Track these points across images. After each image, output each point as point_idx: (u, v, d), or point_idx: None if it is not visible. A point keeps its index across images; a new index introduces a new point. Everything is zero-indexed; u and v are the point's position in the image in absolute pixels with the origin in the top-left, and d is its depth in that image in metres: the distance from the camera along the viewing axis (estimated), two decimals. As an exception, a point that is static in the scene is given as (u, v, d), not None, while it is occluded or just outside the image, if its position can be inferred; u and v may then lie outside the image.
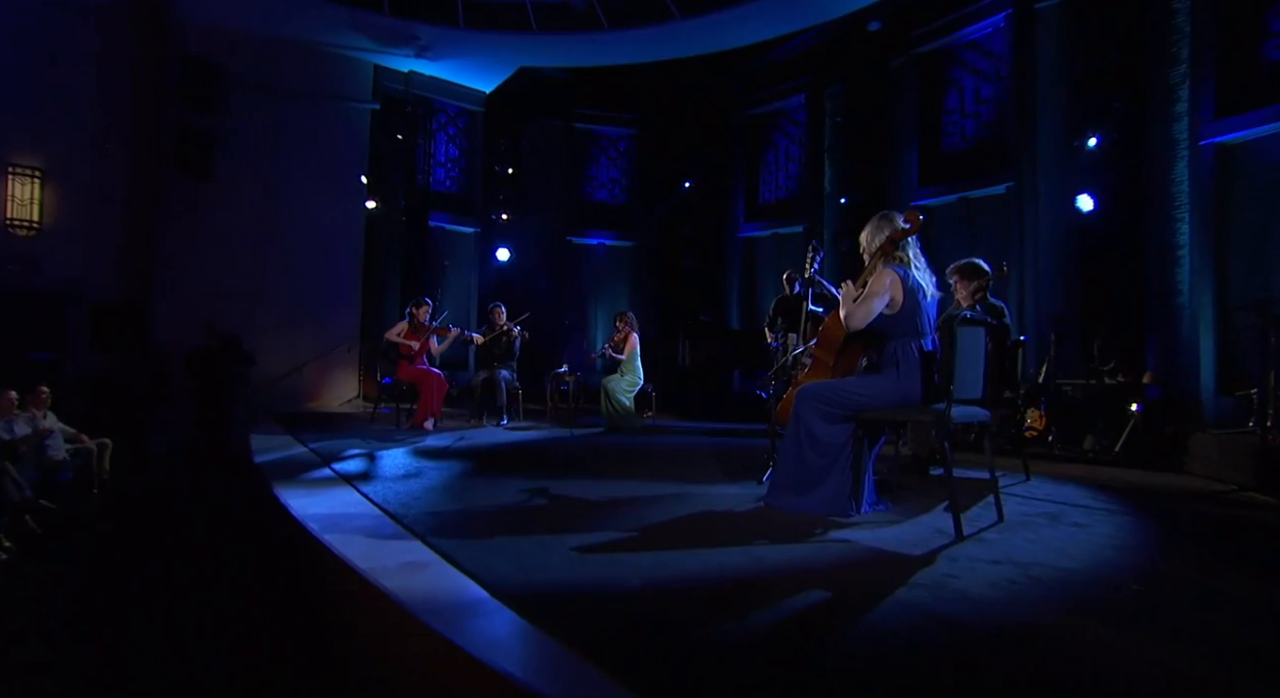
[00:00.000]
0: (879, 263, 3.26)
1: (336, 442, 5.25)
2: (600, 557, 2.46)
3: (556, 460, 4.88)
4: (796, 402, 3.28)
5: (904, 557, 2.55)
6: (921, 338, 3.15)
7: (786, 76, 10.12)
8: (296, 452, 4.73)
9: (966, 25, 8.30)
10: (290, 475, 3.83)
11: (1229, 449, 4.10)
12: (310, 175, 8.91)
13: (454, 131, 10.48)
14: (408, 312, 6.53)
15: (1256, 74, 6.40)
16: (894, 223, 3.26)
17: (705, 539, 2.75)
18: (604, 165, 11.62)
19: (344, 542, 2.59)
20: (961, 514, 2.85)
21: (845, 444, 3.20)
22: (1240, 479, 3.93)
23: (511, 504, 3.31)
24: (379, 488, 3.54)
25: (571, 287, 11.03)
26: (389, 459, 4.53)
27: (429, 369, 6.44)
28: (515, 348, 7.20)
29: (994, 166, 7.96)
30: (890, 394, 3.11)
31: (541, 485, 3.77)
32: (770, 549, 2.60)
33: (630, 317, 7.23)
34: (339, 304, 9.36)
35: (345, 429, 6.23)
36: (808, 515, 3.15)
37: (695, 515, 3.16)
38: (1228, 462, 4.04)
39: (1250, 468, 3.82)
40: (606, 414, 7.00)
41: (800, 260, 10.14)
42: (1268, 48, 6.44)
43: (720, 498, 3.54)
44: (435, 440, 5.60)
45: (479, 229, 10.58)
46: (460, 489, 3.68)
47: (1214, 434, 4.52)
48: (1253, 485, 3.76)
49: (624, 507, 3.31)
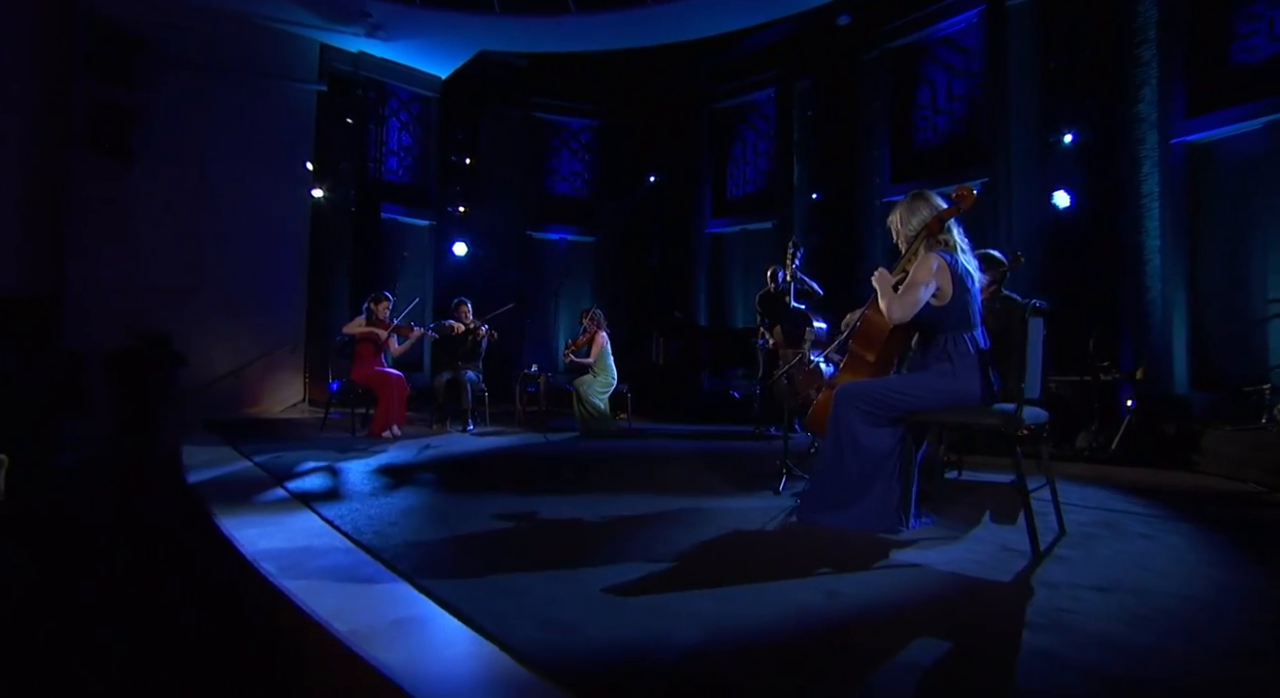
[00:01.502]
0: (919, 247, 2.87)
1: (286, 454, 4.56)
2: (640, 601, 1.97)
3: (541, 472, 4.34)
4: (836, 403, 2.86)
5: (994, 585, 2.15)
6: (973, 330, 2.77)
7: (755, 69, 9.79)
8: (240, 467, 4.04)
9: (939, 21, 8.12)
10: (235, 498, 3.18)
11: (1255, 448, 3.90)
12: (249, 160, 8.05)
13: (407, 118, 9.73)
14: (365, 307, 5.84)
15: (1225, 75, 6.39)
16: (932, 202, 2.88)
17: (754, 569, 2.29)
18: (565, 157, 11.05)
19: (311, 590, 2.01)
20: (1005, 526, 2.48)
21: (892, 451, 2.80)
22: (1267, 479, 3.72)
23: (507, 529, 2.77)
24: (345, 512, 2.94)
25: (533, 283, 10.41)
26: (351, 475, 3.90)
27: (388, 371, 5.77)
28: (482, 348, 6.59)
29: (968, 163, 7.80)
30: (944, 393, 2.72)
31: (534, 503, 3.24)
32: (837, 580, 2.16)
33: (597, 314, 6.72)
34: (281, 300, 8.50)
35: (293, 439, 5.51)
36: (850, 532, 2.74)
37: (727, 538, 2.69)
38: (1254, 461, 3.84)
39: (1279, 466, 3.61)
40: (580, 417, 6.48)
41: (770, 257, 9.85)
42: (1235, 49, 6.44)
43: (741, 513, 3.09)
44: (399, 451, 4.96)
45: (434, 222, 9.86)
46: (442, 510, 3.11)
47: (1226, 431, 4.34)
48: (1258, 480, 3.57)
49: (638, 529, 2.82)
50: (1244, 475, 3.93)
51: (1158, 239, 6.56)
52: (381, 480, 3.73)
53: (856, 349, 2.94)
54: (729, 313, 10.24)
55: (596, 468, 4.47)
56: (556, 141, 11.00)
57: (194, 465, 4.02)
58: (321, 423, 6.19)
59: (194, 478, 3.60)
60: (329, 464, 4.22)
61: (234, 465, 4.09)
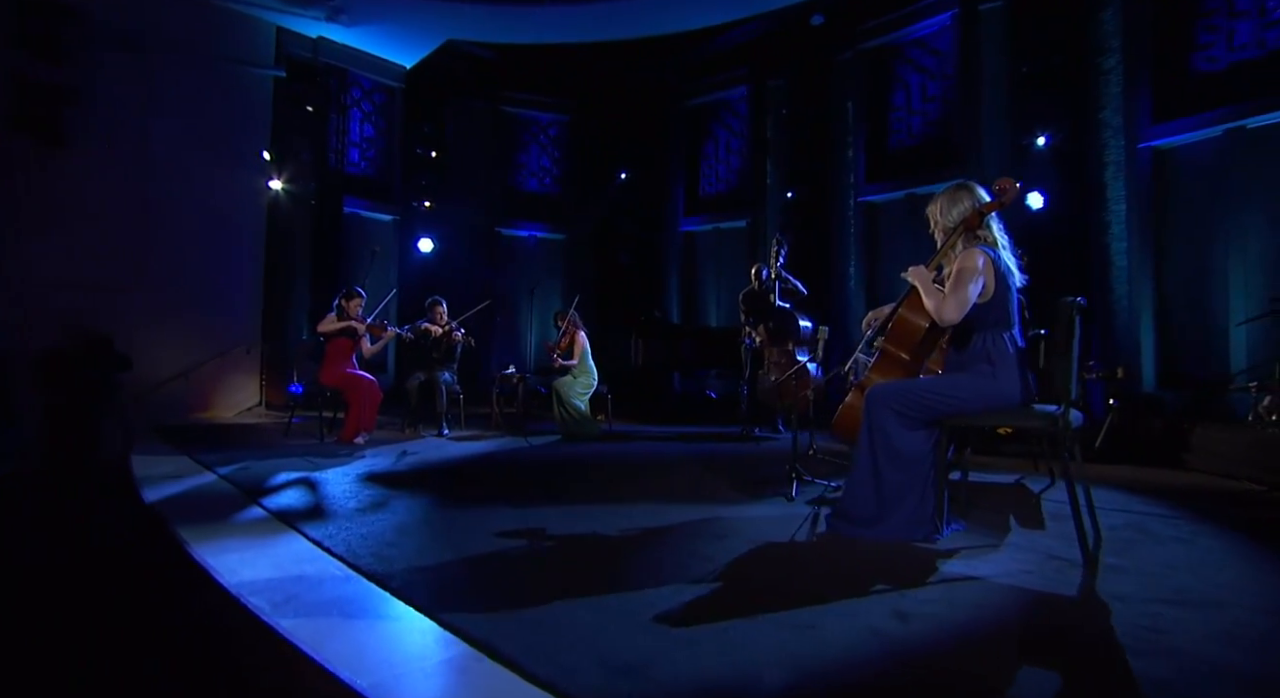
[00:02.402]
0: (958, 242, 2.72)
1: (253, 464, 4.15)
2: (704, 633, 1.74)
3: (534, 479, 4.06)
4: (870, 406, 2.69)
5: (1063, 600, 2.00)
6: (1011, 329, 2.63)
7: (728, 66, 9.64)
8: (203, 480, 3.63)
9: (912, 23, 8.12)
10: (204, 518, 2.81)
11: (1249, 446, 3.91)
12: (200, 148, 7.47)
13: (370, 109, 9.24)
14: (336, 304, 5.43)
15: (1188, 83, 6.53)
16: (975, 194, 2.73)
17: (807, 589, 2.08)
18: (534, 152, 10.71)
19: (315, 631, 1.71)
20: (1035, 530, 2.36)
21: (927, 455, 2.64)
22: (1264, 477, 3.73)
23: (521, 547, 2.50)
24: (335, 531, 2.62)
25: (502, 281, 10.05)
26: (331, 486, 3.55)
27: (360, 374, 5.37)
28: (457, 349, 6.23)
29: (941, 164, 7.81)
30: (984, 395, 2.57)
31: (540, 516, 2.98)
32: (900, 598, 1.97)
33: (573, 315, 6.44)
34: (236, 298, 7.94)
35: (257, 446, 5.07)
36: (884, 542, 2.57)
37: (761, 552, 2.48)
38: (1248, 459, 3.85)
39: (1279, 465, 3.62)
40: (560, 420, 6.20)
41: (744, 256, 9.73)
42: (1196, 59, 6.59)
43: (763, 523, 2.89)
44: (375, 459, 4.60)
45: (398, 217, 9.40)
46: (441, 526, 2.82)
47: (1215, 429, 4.36)
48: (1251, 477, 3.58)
49: (663, 543, 2.59)
50: (1237, 473, 3.94)
51: (1124, 241, 6.68)
52: (366, 493, 3.40)
53: (890, 348, 2.77)
54: (702, 312, 10.09)
55: (592, 474, 4.22)
56: (525, 136, 10.64)
57: (149, 479, 3.59)
58: (286, 428, 5.74)
59: (151, 495, 3.19)
60: (304, 475, 3.84)
61: (196, 478, 3.68)
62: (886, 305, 3.57)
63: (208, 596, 1.97)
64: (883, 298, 8.41)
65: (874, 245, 8.47)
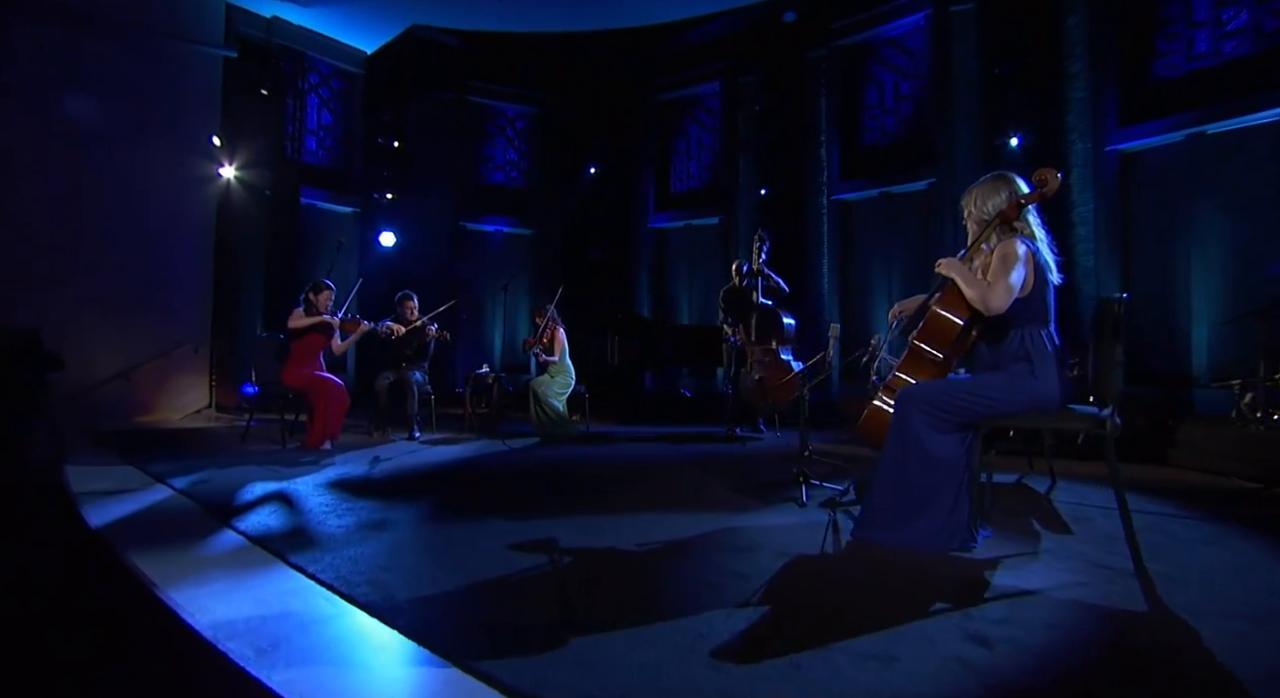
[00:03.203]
0: (993, 234, 2.57)
1: (211, 475, 3.74)
2: (771, 669, 1.51)
3: (526, 487, 3.77)
4: (901, 408, 2.51)
5: (1133, 616, 1.85)
6: (1049, 325, 2.50)
7: (700, 62, 9.46)
8: (156, 496, 3.21)
9: (885, 22, 8.09)
10: (163, 543, 2.43)
11: (1237, 444, 3.92)
12: (141, 131, 6.86)
13: (327, 95, 8.71)
14: (303, 298, 4.99)
15: (1151, 89, 6.65)
16: (1014, 185, 2.58)
17: (865, 609, 1.88)
18: (501, 145, 10.32)
19: (312, 683, 1.42)
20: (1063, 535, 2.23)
21: (960, 459, 2.49)
22: (1254, 473, 3.74)
23: (535, 568, 2.23)
24: (320, 556, 2.29)
25: (467, 277, 9.64)
26: (306, 501, 3.19)
27: (328, 378, 4.94)
28: (430, 347, 5.86)
29: (915, 162, 7.80)
30: (1023, 395, 2.42)
31: (543, 528, 2.71)
32: (965, 619, 1.78)
33: (551, 311, 6.16)
34: (182, 293, 7.35)
35: (211, 453, 4.62)
36: (916, 551, 2.40)
37: (797, 567, 2.28)
38: (1237, 456, 3.85)
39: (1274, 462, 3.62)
40: (537, 421, 5.91)
41: (716, 253, 9.57)
42: (1158, 66, 6.71)
43: (784, 533, 2.70)
44: (346, 466, 4.23)
45: (358, 209, 8.91)
46: (437, 544, 2.52)
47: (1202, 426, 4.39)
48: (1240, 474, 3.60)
49: (688, 559, 2.36)
50: (1226, 470, 3.95)
51: (1091, 242, 6.76)
52: (346, 506, 3.06)
53: (922, 346, 2.60)
54: (674, 310, 9.89)
55: (586, 480, 3.95)
56: (491, 128, 10.24)
57: (90, 495, 3.16)
58: (243, 433, 5.27)
59: (96, 516, 2.78)
60: (273, 488, 3.46)
61: (147, 493, 3.26)
62: (912, 298, 3.41)
63: (176, 641, 1.65)
64: (856, 296, 8.37)
65: (848, 244, 8.42)
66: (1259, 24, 6.22)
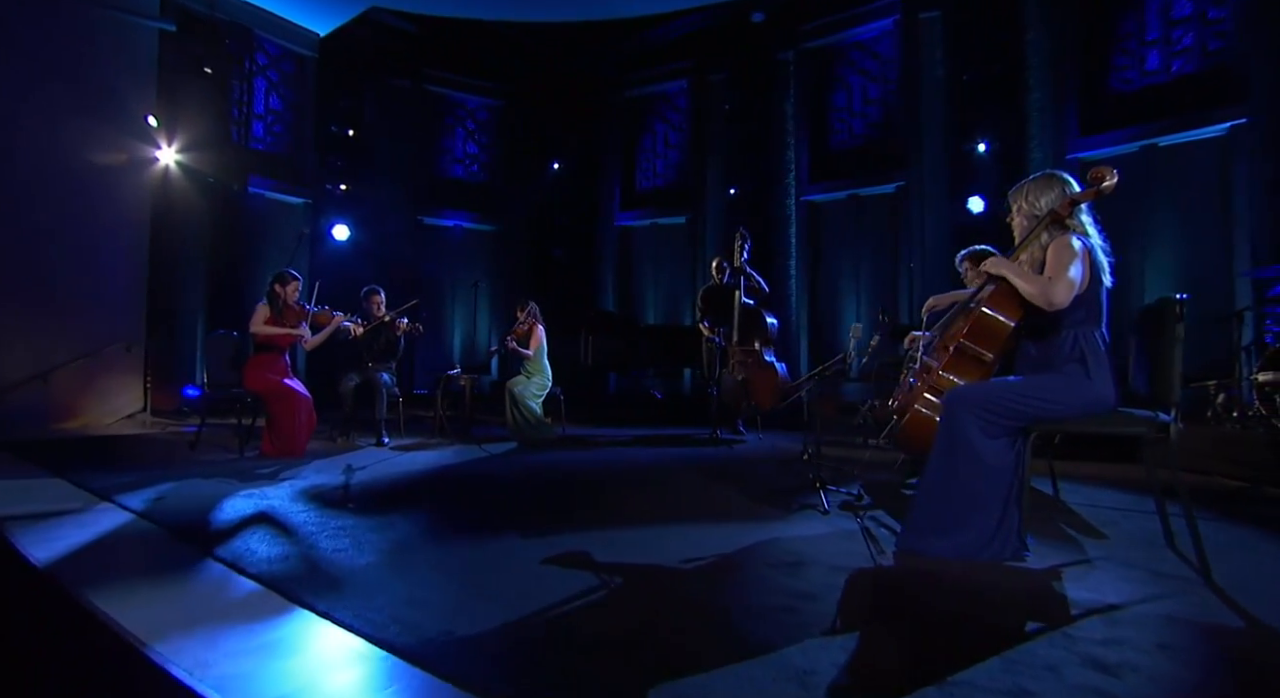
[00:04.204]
0: (1043, 232, 2.46)
1: (164, 489, 3.28)
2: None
3: (525, 497, 3.47)
4: (951, 411, 2.37)
5: (1241, 633, 1.75)
6: (1101, 326, 2.40)
7: (667, 59, 9.29)
8: (108, 520, 2.74)
9: (854, 26, 8.11)
10: (135, 585, 2.03)
11: (1218, 442, 4.00)
12: (65, 106, 6.16)
13: (277, 78, 8.09)
14: (266, 292, 4.51)
15: (1108, 101, 6.87)
16: (1065, 182, 2.48)
17: (957, 632, 1.71)
18: (460, 137, 9.87)
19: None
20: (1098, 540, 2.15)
21: (1011, 465, 2.36)
22: (1237, 472, 3.82)
23: (580, 596, 1.96)
24: (329, 590, 1.96)
25: (426, 273, 9.16)
26: (287, 520, 2.80)
27: (295, 389, 4.46)
28: (399, 345, 5.45)
29: (883, 166, 7.84)
30: (1079, 398, 2.31)
31: (566, 546, 2.44)
32: (1071, 641, 1.63)
33: (533, 307, 5.86)
34: (111, 287, 6.65)
35: (158, 464, 4.10)
36: (968, 561, 2.27)
37: (859, 584, 2.09)
38: (1219, 455, 3.93)
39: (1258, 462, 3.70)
40: (513, 424, 5.58)
41: (683, 252, 9.41)
42: (1114, 80, 6.95)
43: (820, 544, 2.52)
44: (318, 476, 3.82)
45: (310, 200, 8.31)
46: (460, 571, 2.21)
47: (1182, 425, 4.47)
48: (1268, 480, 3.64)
49: (742, 577, 2.15)
50: (1208, 468, 4.03)
51: (1052, 246, 6.92)
52: (336, 525, 2.70)
53: (970, 347, 2.46)
54: (640, 310, 9.67)
55: (586, 488, 3.68)
56: (451, 120, 9.78)
57: (19, 520, 2.68)
58: (192, 441, 4.72)
59: (38, 549, 2.33)
60: (248, 505, 3.04)
61: (94, 516, 2.80)
62: (947, 294, 3.31)
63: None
64: (823, 297, 8.36)
65: (816, 245, 8.40)
66: (1204, 44, 6.51)
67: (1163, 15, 6.62)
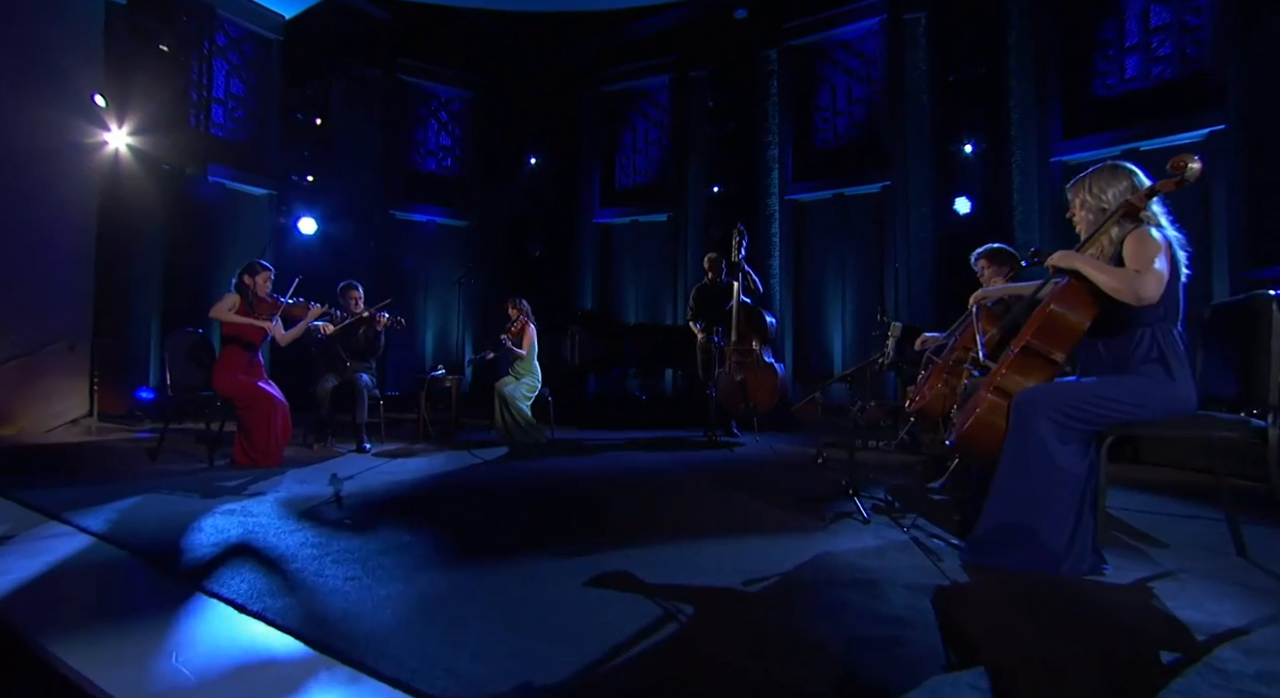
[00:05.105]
0: (1113, 225, 2.30)
1: (126, 506, 2.86)
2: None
3: (539, 510, 3.16)
4: (1024, 414, 2.19)
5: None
6: (1178, 324, 2.26)
7: (648, 54, 9.03)
8: (64, 545, 2.32)
9: (839, 25, 8.00)
10: (111, 629, 1.67)
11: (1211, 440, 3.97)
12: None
13: (238, 61, 7.52)
14: (235, 283, 4.07)
15: (1090, 105, 6.92)
16: (1132, 173, 2.33)
17: (1091, 665, 1.50)
18: (433, 129, 9.41)
19: None
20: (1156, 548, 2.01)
21: (1086, 471, 2.20)
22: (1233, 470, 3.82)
23: (647, 630, 1.69)
24: (355, 630, 1.64)
25: (396, 270, 8.70)
26: (280, 542, 2.43)
27: (270, 392, 4.03)
28: (379, 343, 5.06)
29: (868, 165, 7.76)
30: (1162, 400, 2.16)
31: (605, 566, 2.17)
32: (1223, 677, 1.45)
33: (524, 305, 5.55)
34: (52, 282, 6.03)
35: (112, 476, 3.64)
36: (1043, 575, 2.09)
37: (947, 606, 1.88)
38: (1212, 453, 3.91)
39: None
40: (503, 427, 5.25)
41: (665, 251, 9.17)
42: (1096, 84, 7.01)
43: (882, 558, 2.32)
44: (301, 486, 3.44)
45: (274, 191, 7.76)
46: (501, 603, 1.91)
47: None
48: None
49: (816, 601, 1.92)
50: (1202, 466, 4.03)
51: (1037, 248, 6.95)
52: (339, 547, 2.35)
53: (1039, 347, 2.28)
54: (619, 309, 9.39)
55: (601, 499, 3.40)
56: (424, 111, 9.32)
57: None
58: (153, 450, 4.23)
59: None
60: (231, 524, 2.65)
61: (45, 540, 2.38)
62: (998, 287, 3.16)
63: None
64: (809, 298, 8.23)
65: (801, 244, 8.27)
66: (1183, 51, 6.60)
67: (1142, 22, 6.70)
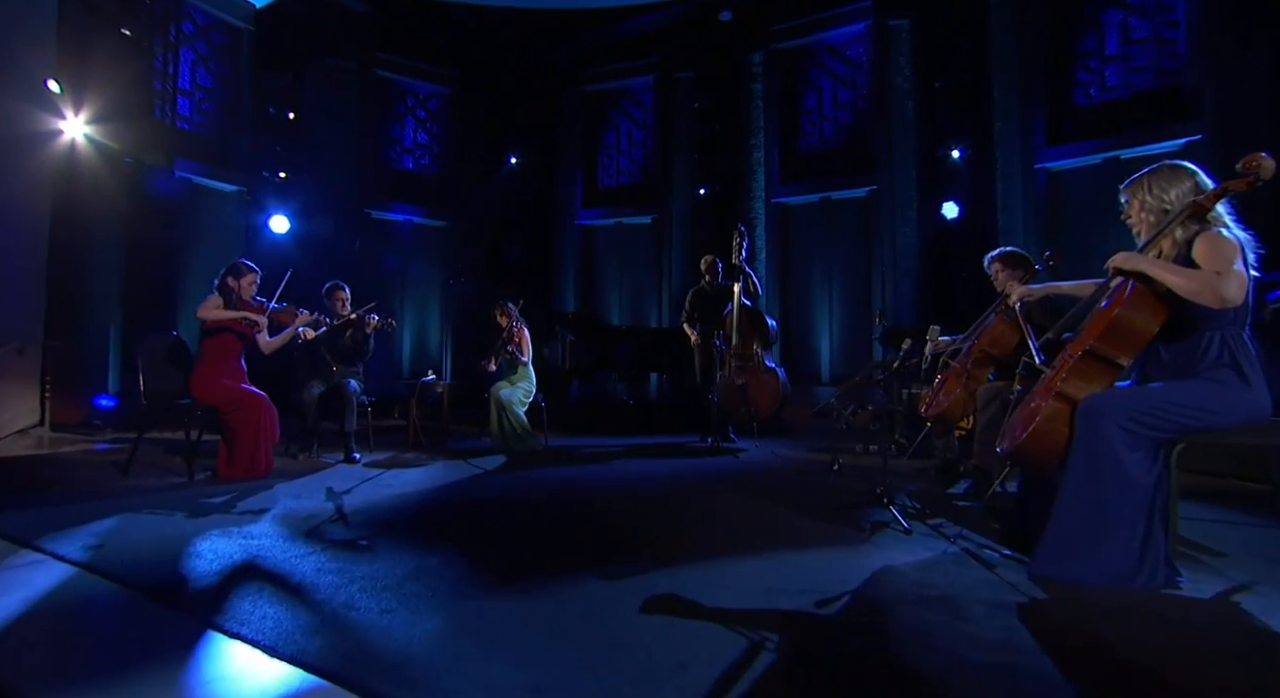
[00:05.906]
0: (1177, 227, 2.22)
1: (102, 528, 2.54)
2: None
3: (557, 523, 2.96)
4: (1093, 421, 2.09)
5: None
6: (1247, 327, 2.19)
7: (632, 54, 8.88)
8: (40, 577, 1.99)
9: (825, 29, 7.99)
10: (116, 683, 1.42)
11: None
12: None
13: (205, 50, 7.08)
14: (217, 284, 3.74)
15: (1072, 114, 7.02)
16: (1194, 173, 2.26)
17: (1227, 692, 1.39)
18: (410, 126, 9.07)
19: None
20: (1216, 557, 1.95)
21: (1155, 481, 2.11)
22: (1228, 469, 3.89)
23: (740, 667, 1.51)
24: (416, 678, 1.42)
25: (373, 271, 8.33)
26: (293, 568, 2.17)
27: (254, 393, 3.72)
28: (368, 345, 4.76)
29: (855, 169, 7.75)
30: (1236, 407, 2.08)
31: (657, 587, 2.00)
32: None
33: (512, 309, 5.31)
34: (1, 278, 5.54)
35: (83, 494, 3.28)
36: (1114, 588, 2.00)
37: (1039, 625, 1.76)
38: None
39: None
40: (500, 434, 5.01)
41: (649, 253, 9.02)
42: (1077, 94, 7.12)
43: (942, 573, 2.21)
44: (295, 501, 3.15)
45: (244, 188, 7.33)
46: (554, 632, 1.71)
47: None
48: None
49: (901, 624, 1.77)
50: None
51: (1023, 253, 7.03)
52: (362, 573, 2.11)
53: (1103, 351, 2.19)
54: (604, 311, 9.19)
55: (623, 510, 3.21)
56: (400, 107, 8.98)
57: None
58: (125, 465, 3.85)
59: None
60: (231, 548, 2.37)
61: (16, 571, 2.07)
62: (1036, 285, 3.09)
63: None
64: (795, 300, 8.18)
65: (787, 247, 8.22)
66: (1159, 63, 6.76)
67: (1122, 33, 6.83)
